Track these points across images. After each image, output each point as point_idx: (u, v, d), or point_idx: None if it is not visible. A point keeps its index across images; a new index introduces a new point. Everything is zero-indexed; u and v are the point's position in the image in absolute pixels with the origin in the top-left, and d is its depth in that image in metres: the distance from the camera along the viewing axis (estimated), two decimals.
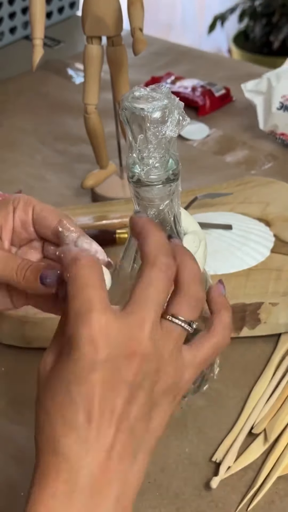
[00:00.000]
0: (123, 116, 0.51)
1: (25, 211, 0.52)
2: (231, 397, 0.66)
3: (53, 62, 1.31)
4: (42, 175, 1.02)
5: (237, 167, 1.01)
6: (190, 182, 0.94)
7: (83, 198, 0.96)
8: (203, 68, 1.29)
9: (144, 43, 0.77)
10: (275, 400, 0.65)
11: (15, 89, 1.25)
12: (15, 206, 0.52)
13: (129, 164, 0.53)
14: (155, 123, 0.50)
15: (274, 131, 1.03)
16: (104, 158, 0.93)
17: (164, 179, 0.52)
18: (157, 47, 1.36)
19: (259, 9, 2.57)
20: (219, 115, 1.13)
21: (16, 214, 0.52)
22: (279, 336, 0.72)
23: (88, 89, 0.85)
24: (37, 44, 0.83)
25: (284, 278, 0.73)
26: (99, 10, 0.81)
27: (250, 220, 0.81)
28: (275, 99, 1.00)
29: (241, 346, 0.72)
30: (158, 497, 0.59)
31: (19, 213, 0.52)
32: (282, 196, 0.85)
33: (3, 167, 1.04)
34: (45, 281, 0.49)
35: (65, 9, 1.49)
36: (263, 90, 1.03)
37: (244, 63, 1.34)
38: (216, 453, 0.62)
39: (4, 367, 0.71)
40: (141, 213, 0.52)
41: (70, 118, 1.14)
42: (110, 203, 0.88)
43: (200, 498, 0.59)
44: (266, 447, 0.62)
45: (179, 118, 0.51)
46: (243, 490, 0.59)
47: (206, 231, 0.76)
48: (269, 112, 1.02)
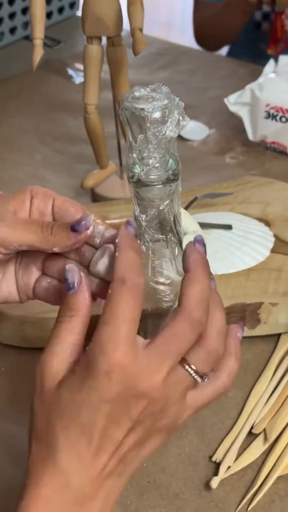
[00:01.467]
0: (123, 116, 0.51)
1: (45, 202, 0.51)
2: (231, 397, 0.66)
3: (53, 62, 1.32)
4: (41, 175, 1.02)
5: (237, 167, 1.02)
6: (190, 182, 0.95)
7: (83, 198, 0.96)
8: (203, 68, 1.29)
9: (144, 44, 0.77)
10: (275, 400, 0.65)
11: (15, 89, 1.25)
12: (33, 195, 0.51)
13: (129, 164, 0.53)
14: (155, 123, 0.50)
15: (264, 141, 1.03)
16: (104, 158, 0.93)
17: (164, 179, 0.52)
18: (157, 47, 1.36)
19: None
20: (219, 115, 1.13)
21: (33, 204, 0.51)
22: (279, 336, 0.72)
23: (88, 89, 0.85)
24: (37, 44, 0.83)
25: (284, 278, 0.73)
26: (99, 10, 0.81)
27: (250, 220, 0.81)
28: (261, 109, 1.01)
29: (241, 346, 0.71)
30: (158, 497, 0.59)
31: (38, 203, 0.51)
32: (282, 196, 0.86)
33: (3, 167, 1.04)
34: (78, 226, 0.48)
35: (65, 9, 1.49)
36: (247, 101, 1.04)
37: (244, 63, 1.34)
38: (216, 453, 0.62)
39: (4, 367, 0.71)
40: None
41: (70, 118, 1.15)
42: (110, 203, 0.88)
43: (200, 498, 0.59)
44: (266, 447, 0.62)
45: (179, 118, 0.51)
46: (243, 490, 0.59)
47: (206, 231, 0.76)
48: (256, 122, 1.03)
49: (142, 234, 0.56)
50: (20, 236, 0.49)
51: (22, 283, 0.54)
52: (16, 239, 0.49)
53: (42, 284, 0.53)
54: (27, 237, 0.49)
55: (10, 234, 0.49)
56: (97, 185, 0.94)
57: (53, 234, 0.49)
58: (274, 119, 1.01)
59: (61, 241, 0.49)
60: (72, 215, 0.50)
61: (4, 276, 0.53)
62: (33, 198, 0.51)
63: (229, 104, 1.05)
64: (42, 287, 0.53)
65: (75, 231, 0.49)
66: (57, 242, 0.49)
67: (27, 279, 0.53)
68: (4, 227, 0.49)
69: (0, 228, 0.49)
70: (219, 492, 0.59)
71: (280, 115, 1.00)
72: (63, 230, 0.49)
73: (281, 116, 1.00)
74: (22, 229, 0.49)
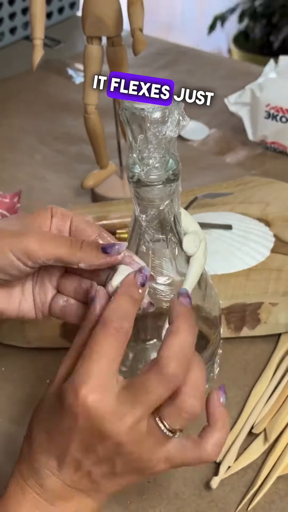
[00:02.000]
0: (123, 116, 0.51)
1: (63, 221, 0.52)
2: (231, 397, 0.66)
3: (53, 62, 1.31)
4: (42, 175, 1.02)
5: (237, 167, 1.02)
6: (190, 182, 0.94)
7: (83, 198, 0.96)
8: (203, 68, 1.29)
9: (144, 44, 0.77)
10: (275, 400, 0.65)
11: (15, 89, 1.25)
12: (53, 214, 0.52)
13: (129, 164, 0.53)
14: (155, 123, 0.50)
15: (264, 141, 1.03)
16: (104, 158, 0.93)
17: (164, 179, 0.53)
18: (157, 47, 1.36)
19: (259, 10, 2.56)
20: (219, 115, 1.13)
21: (53, 222, 0.52)
22: (279, 336, 0.72)
23: (88, 89, 0.85)
24: (37, 44, 0.83)
25: (284, 278, 0.73)
26: (99, 11, 0.81)
27: (250, 220, 0.81)
28: (261, 109, 1.01)
29: (241, 346, 0.72)
30: (158, 497, 0.59)
31: (56, 222, 0.52)
32: (282, 196, 0.85)
33: (3, 167, 1.04)
34: (111, 249, 0.50)
35: (65, 9, 1.49)
36: (247, 101, 1.04)
37: (244, 63, 1.34)
38: None
39: (4, 367, 0.71)
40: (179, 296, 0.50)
41: (70, 118, 1.14)
42: (110, 203, 0.88)
43: (200, 498, 0.59)
44: (266, 447, 0.62)
45: (179, 118, 0.51)
46: (243, 490, 0.59)
47: (206, 231, 0.76)
48: (257, 122, 1.03)
49: (142, 234, 0.56)
50: (48, 249, 0.50)
51: (39, 301, 0.55)
52: (44, 253, 0.50)
53: (59, 302, 0.54)
54: (56, 250, 0.50)
55: (39, 247, 0.50)
56: (97, 185, 0.94)
57: (82, 250, 0.50)
58: (274, 119, 1.01)
59: (89, 258, 0.50)
60: (88, 235, 0.52)
61: (23, 293, 0.55)
62: (52, 217, 0.52)
63: (229, 104, 1.05)
64: (58, 305, 0.54)
65: (106, 253, 0.49)
66: (84, 258, 0.50)
67: (43, 297, 0.55)
68: (34, 240, 0.50)
69: (30, 241, 0.50)
70: (219, 492, 0.59)
71: (280, 115, 1.00)
72: (93, 248, 0.50)
73: (281, 116, 1.00)
74: (50, 243, 0.50)
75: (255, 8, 2.57)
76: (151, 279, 0.50)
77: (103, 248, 0.50)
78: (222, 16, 2.59)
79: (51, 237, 0.51)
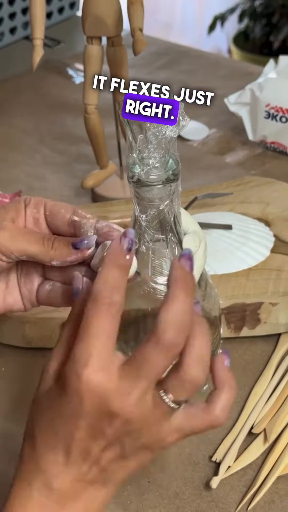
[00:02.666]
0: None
1: (37, 208, 0.52)
2: None
3: (53, 62, 1.31)
4: (42, 175, 1.02)
5: (237, 167, 1.02)
6: (190, 182, 0.95)
7: (83, 198, 0.96)
8: (203, 68, 1.29)
9: (144, 44, 0.77)
10: (275, 400, 0.65)
11: (15, 89, 1.25)
12: (26, 204, 0.52)
13: (129, 164, 0.53)
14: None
15: (264, 141, 1.03)
16: (104, 158, 0.93)
17: (164, 179, 0.53)
18: (157, 47, 1.36)
19: (259, 10, 2.56)
20: (219, 115, 1.13)
21: (27, 212, 0.52)
22: (279, 336, 0.72)
23: (88, 89, 0.85)
24: (37, 44, 0.83)
25: (284, 278, 0.73)
26: (99, 11, 0.81)
27: (250, 220, 0.81)
28: (261, 109, 1.01)
29: (241, 346, 0.72)
30: (158, 497, 0.59)
31: (31, 211, 0.52)
32: (282, 196, 0.86)
33: (3, 167, 1.04)
34: (80, 244, 0.49)
35: (65, 9, 1.49)
36: (247, 101, 1.04)
37: (244, 63, 1.34)
38: (216, 453, 0.62)
39: (4, 367, 0.71)
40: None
41: (70, 118, 1.15)
42: (110, 203, 0.88)
43: (200, 498, 0.59)
44: (266, 447, 0.62)
45: (179, 118, 0.51)
46: (243, 490, 0.59)
47: (206, 231, 0.76)
48: (256, 122, 1.03)
49: (142, 234, 0.56)
50: (20, 246, 0.50)
51: (25, 290, 0.54)
52: (16, 249, 0.50)
53: (45, 288, 0.54)
54: (28, 248, 0.50)
55: (10, 242, 0.50)
56: (97, 185, 0.94)
57: (54, 248, 0.50)
58: (274, 119, 1.01)
59: (61, 256, 0.50)
60: (62, 216, 0.52)
61: (8, 285, 0.54)
62: (26, 206, 0.52)
63: (229, 104, 1.05)
64: (45, 291, 0.54)
65: (76, 248, 0.49)
66: (56, 257, 0.50)
67: (30, 286, 0.54)
68: (5, 236, 0.50)
69: (1, 237, 0.50)
70: (219, 492, 0.59)
71: (280, 115, 1.00)
72: (64, 245, 0.50)
73: (281, 116, 1.00)
74: (23, 239, 0.50)
75: (255, 8, 2.57)
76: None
77: (73, 244, 0.50)
78: (222, 16, 2.59)
79: (23, 233, 0.50)
